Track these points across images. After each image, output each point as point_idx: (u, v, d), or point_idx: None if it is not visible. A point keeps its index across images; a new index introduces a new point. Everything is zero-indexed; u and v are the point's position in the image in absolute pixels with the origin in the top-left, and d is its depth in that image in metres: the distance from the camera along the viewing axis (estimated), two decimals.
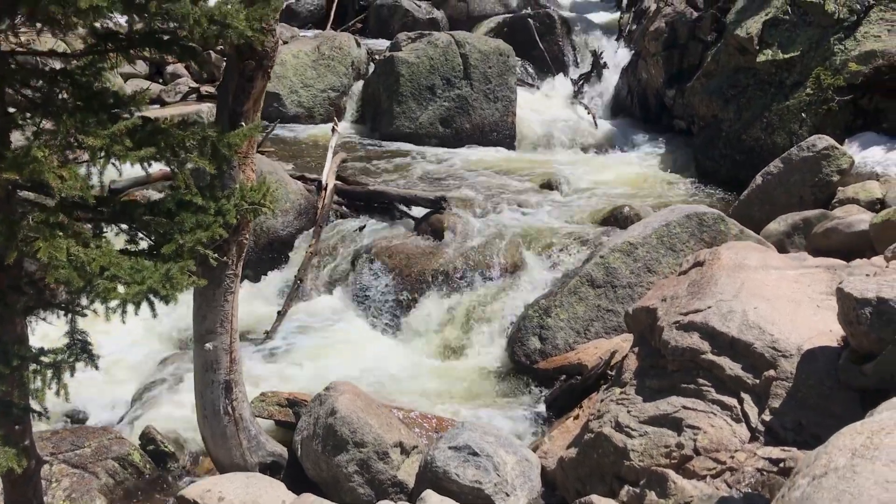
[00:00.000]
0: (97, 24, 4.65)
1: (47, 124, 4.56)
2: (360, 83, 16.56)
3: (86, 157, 4.56)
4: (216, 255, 5.16)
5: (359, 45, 17.00)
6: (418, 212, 11.24)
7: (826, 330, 5.41)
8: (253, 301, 10.04)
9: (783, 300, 5.83)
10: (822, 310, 5.67)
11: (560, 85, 18.02)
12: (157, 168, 12.18)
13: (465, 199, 11.46)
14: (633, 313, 6.69)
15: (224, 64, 6.37)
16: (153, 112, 12.63)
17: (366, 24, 21.08)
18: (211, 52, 15.53)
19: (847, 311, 4.80)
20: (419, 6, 20.56)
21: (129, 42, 5.01)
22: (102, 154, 4.42)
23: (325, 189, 11.44)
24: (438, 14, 20.54)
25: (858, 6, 12.46)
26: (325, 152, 12.51)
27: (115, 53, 4.99)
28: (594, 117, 16.18)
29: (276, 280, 10.58)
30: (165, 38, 5.04)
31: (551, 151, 15.28)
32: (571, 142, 15.53)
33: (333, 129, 12.75)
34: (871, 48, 11.92)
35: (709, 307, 5.82)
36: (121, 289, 4.41)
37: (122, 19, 4.84)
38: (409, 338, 9.51)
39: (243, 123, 5.71)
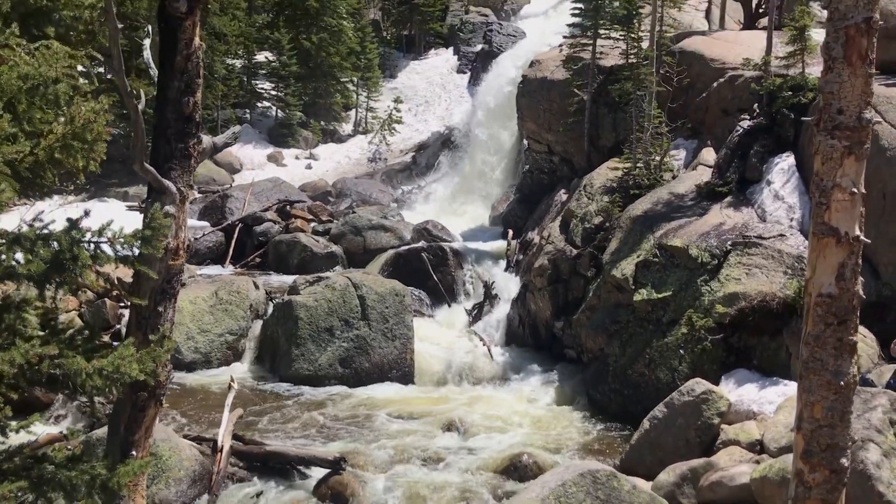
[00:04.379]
0: None
1: None
2: (259, 324, 16.69)
3: None
4: None
5: (257, 286, 17.30)
6: (318, 469, 11.10)
7: None
8: None
9: None
10: None
11: (455, 315, 18.65)
12: (45, 432, 11.75)
13: (366, 455, 11.42)
14: None
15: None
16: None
17: (265, 260, 21.56)
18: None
19: None
20: (317, 241, 21.30)
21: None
22: None
23: (221, 452, 11.20)
24: (336, 248, 21.28)
25: (718, 251, 13.76)
26: (222, 399, 12.37)
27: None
28: (489, 349, 16.71)
29: None
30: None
31: (450, 387, 15.55)
32: (468, 375, 15.88)
33: (230, 386, 12.67)
34: (734, 290, 13.06)
35: None
36: None
37: None
38: None
39: (134, 453, 5.72)
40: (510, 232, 21.27)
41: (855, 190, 4.04)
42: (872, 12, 3.93)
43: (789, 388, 11.34)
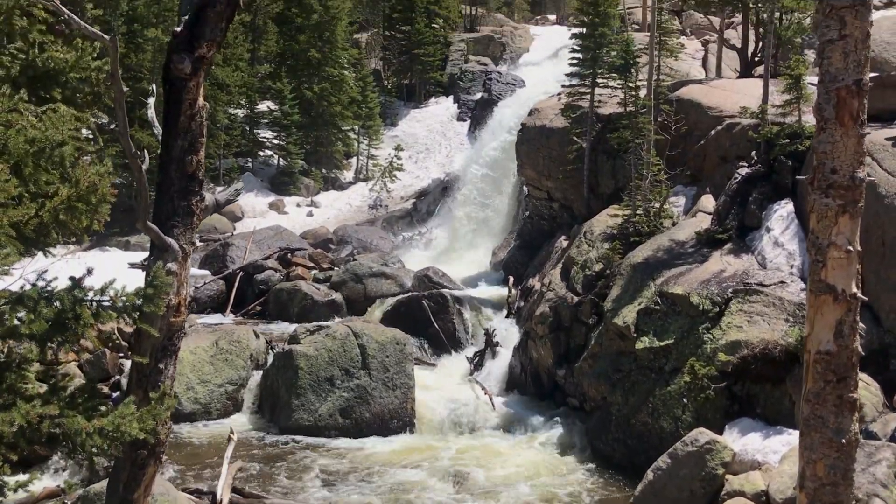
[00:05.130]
0: None
1: None
2: (259, 374, 16.63)
3: None
4: None
5: (258, 335, 17.28)
6: None
7: None
8: None
9: None
10: None
11: (456, 363, 18.58)
12: (43, 486, 11.66)
13: None
14: None
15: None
16: None
17: (265, 308, 21.55)
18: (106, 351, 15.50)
19: None
20: (318, 289, 21.32)
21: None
22: None
23: None
24: (337, 296, 21.28)
25: (719, 298, 13.77)
26: (222, 451, 12.28)
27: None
28: (491, 398, 16.61)
29: None
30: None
31: (451, 437, 15.42)
32: (470, 424, 15.76)
33: (229, 438, 12.59)
34: (736, 338, 13.03)
35: None
36: None
37: None
38: None
39: None
40: (511, 279, 21.29)
41: (850, 248, 4.08)
42: (862, 74, 4.01)
43: (794, 437, 11.22)
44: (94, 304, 5.14)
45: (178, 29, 5.72)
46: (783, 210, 14.95)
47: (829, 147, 4.04)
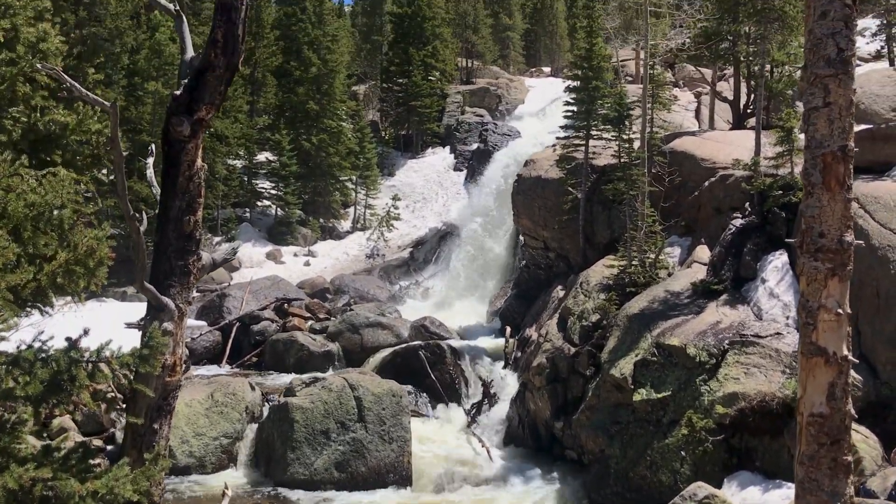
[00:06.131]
0: None
1: None
2: (255, 426, 16.48)
3: None
4: None
5: (253, 387, 17.18)
6: None
7: None
8: None
9: None
10: None
11: (454, 414, 18.44)
12: None
13: None
14: None
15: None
16: None
17: (261, 359, 21.47)
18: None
19: None
20: (314, 339, 21.27)
21: None
22: None
23: None
24: (333, 347, 21.23)
25: (716, 350, 13.76)
26: None
27: None
28: (488, 451, 16.46)
29: None
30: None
31: (448, 491, 15.23)
32: (467, 478, 15.58)
33: (224, 493, 12.41)
34: (733, 390, 13.00)
35: None
36: None
37: None
38: None
39: None
40: (508, 328, 21.27)
41: (840, 311, 4.13)
42: (847, 140, 4.10)
43: (792, 492, 11.12)
44: (90, 364, 5.15)
45: (178, 92, 5.83)
46: (778, 261, 15.04)
47: (816, 211, 4.11)
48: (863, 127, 16.55)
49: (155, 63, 28.88)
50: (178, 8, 6.24)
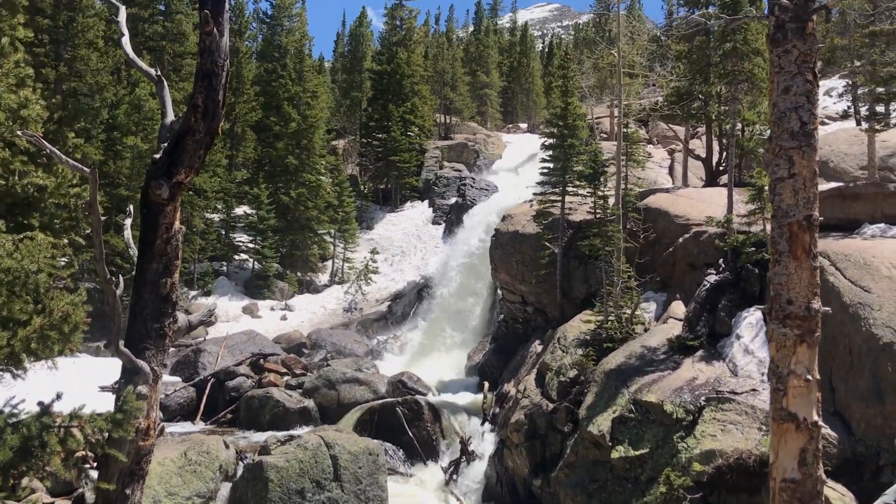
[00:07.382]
0: None
1: None
2: (229, 486, 16.16)
3: None
4: None
5: (227, 446, 16.89)
6: None
7: None
8: None
9: None
10: None
11: (431, 473, 18.24)
12: None
13: None
14: None
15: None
16: None
17: (236, 415, 21.17)
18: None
19: None
20: (290, 395, 21.03)
21: None
22: None
23: None
24: (309, 403, 21.00)
25: (692, 406, 13.79)
26: None
27: None
28: None
29: None
30: None
31: None
32: None
33: None
34: (710, 447, 12.98)
35: None
36: None
37: None
38: None
39: None
40: (486, 384, 21.19)
41: (810, 377, 4.20)
42: (812, 210, 4.23)
43: None
44: (62, 430, 5.09)
45: (157, 156, 5.88)
46: (752, 318, 15.19)
47: (784, 279, 4.21)
48: (832, 185, 16.94)
49: (134, 118, 29.01)
50: (159, 73, 6.33)
